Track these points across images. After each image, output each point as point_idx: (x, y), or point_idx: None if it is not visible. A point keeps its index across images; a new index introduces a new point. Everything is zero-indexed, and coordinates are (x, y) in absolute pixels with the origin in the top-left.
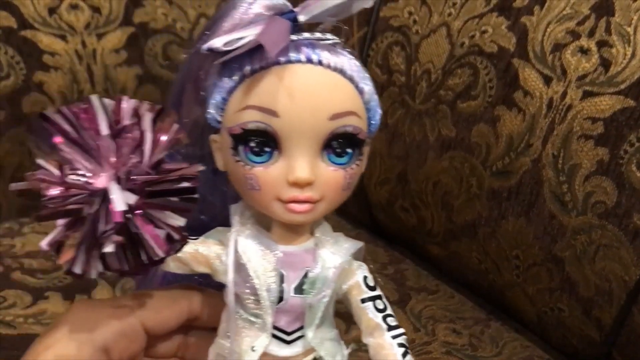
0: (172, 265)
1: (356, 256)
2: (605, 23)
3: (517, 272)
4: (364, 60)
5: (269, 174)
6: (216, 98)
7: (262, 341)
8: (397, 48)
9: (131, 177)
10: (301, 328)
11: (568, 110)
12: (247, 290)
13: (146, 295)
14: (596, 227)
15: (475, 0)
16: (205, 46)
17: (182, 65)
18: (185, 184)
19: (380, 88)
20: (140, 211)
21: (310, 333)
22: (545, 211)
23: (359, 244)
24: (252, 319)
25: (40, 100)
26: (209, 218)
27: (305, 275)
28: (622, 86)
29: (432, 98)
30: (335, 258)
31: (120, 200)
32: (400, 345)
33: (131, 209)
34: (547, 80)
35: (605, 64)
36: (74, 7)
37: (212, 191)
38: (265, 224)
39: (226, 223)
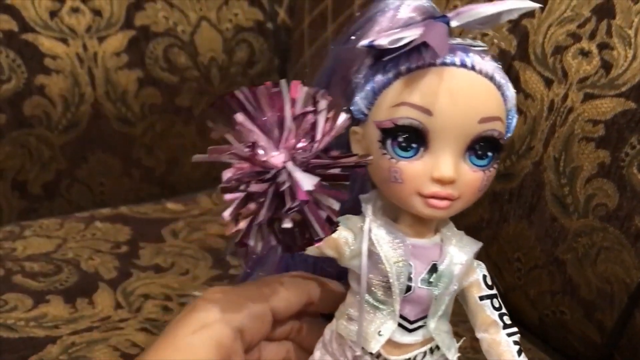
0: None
1: (476, 256)
2: (606, 25)
3: (519, 274)
4: None
5: (414, 169)
6: (367, 91)
7: (389, 327)
8: None
9: (305, 159)
10: (423, 318)
11: (569, 112)
12: (378, 277)
13: (274, 282)
14: (598, 229)
15: (476, 2)
16: (367, 42)
17: (328, 60)
18: (343, 171)
19: None
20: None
21: (432, 324)
22: (546, 214)
23: (480, 244)
24: (379, 305)
25: (42, 103)
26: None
27: (432, 268)
28: (623, 89)
29: None
30: (461, 255)
31: (306, 180)
32: (516, 343)
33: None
34: (548, 83)
35: (606, 66)
36: (75, 10)
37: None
38: (393, 216)
39: (350, 213)
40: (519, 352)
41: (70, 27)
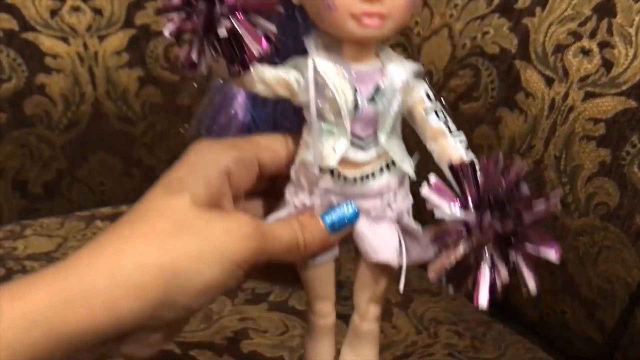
0: (259, 87)
1: (417, 75)
2: (607, 24)
3: None
4: None
5: None
6: None
7: (342, 144)
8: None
9: None
10: (374, 135)
11: (570, 111)
12: (327, 104)
13: (257, 136)
14: (598, 228)
15: (477, 1)
16: None
17: None
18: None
19: None
20: (240, 13)
21: (382, 137)
22: None
23: (419, 64)
24: (331, 128)
25: (42, 102)
26: (281, 59)
27: (376, 89)
28: (624, 87)
29: None
30: (401, 72)
31: None
32: (461, 142)
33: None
34: (549, 82)
35: (607, 65)
36: (76, 9)
37: (284, 33)
38: (337, 50)
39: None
40: (466, 150)
41: (70, 26)
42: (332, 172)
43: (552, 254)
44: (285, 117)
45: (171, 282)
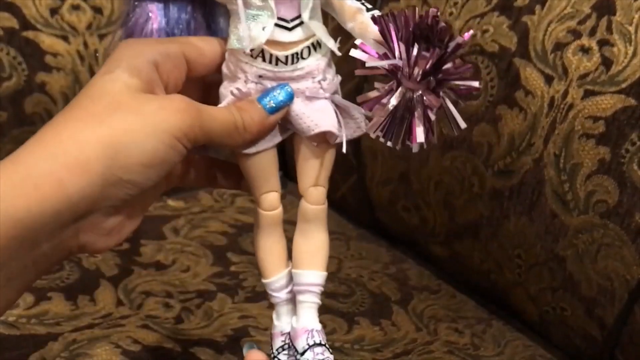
0: None
1: None
2: (606, 22)
3: (519, 271)
4: None
5: None
6: None
7: (270, 23)
8: None
9: None
10: (298, 17)
11: (569, 109)
12: None
13: (182, 36)
14: (598, 226)
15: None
16: None
17: None
18: None
19: None
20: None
21: (306, 15)
22: (547, 210)
23: None
24: (258, 12)
25: (43, 100)
26: None
27: None
28: (624, 85)
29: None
30: None
31: None
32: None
33: None
34: (549, 80)
35: (607, 63)
36: (76, 7)
37: None
38: None
39: None
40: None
41: (70, 25)
42: (263, 56)
43: (474, 83)
44: (198, 30)
45: (112, 156)
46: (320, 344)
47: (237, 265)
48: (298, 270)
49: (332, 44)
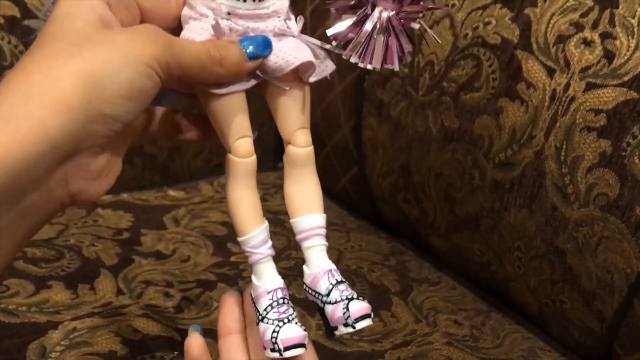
0: None
1: None
2: (609, 15)
3: (519, 264)
4: None
5: None
6: None
7: None
8: None
9: None
10: None
11: (571, 102)
12: None
13: None
14: (598, 219)
15: None
16: None
17: None
18: None
19: (383, 80)
20: None
21: None
22: (547, 203)
23: None
24: None
25: None
26: None
27: None
28: (626, 78)
29: (435, 90)
30: None
31: None
32: None
33: None
34: (550, 72)
35: (609, 56)
36: None
37: None
38: None
39: None
40: None
41: None
42: None
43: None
44: None
45: (90, 89)
46: (342, 282)
47: (237, 255)
48: (299, 217)
49: None
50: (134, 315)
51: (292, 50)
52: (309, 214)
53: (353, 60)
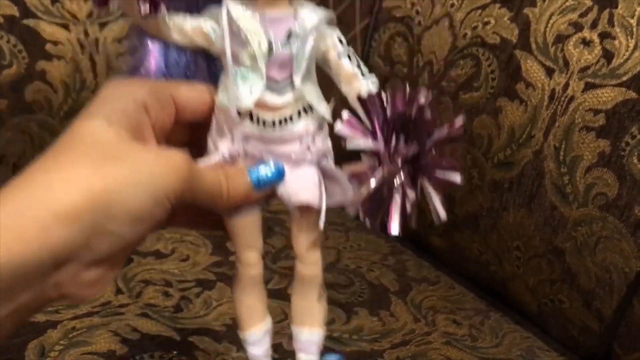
0: (176, 36)
1: (329, 23)
2: (608, 15)
3: (518, 263)
4: (366, 51)
5: None
6: None
7: (258, 86)
8: (400, 39)
9: None
10: (290, 79)
11: (570, 102)
12: (242, 49)
13: (172, 82)
14: (597, 219)
15: None
16: None
17: None
18: None
19: (383, 79)
20: None
21: (297, 79)
22: (546, 203)
23: (331, 11)
24: (248, 72)
25: (43, 89)
26: (186, 7)
27: (289, 32)
28: (625, 78)
29: (434, 89)
30: (312, 16)
31: None
32: (373, 83)
33: None
34: (550, 72)
35: (608, 55)
36: None
37: None
38: (250, 0)
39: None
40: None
41: (71, 13)
42: (251, 116)
43: (456, 177)
44: (198, 72)
45: (102, 206)
46: None
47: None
48: (297, 327)
49: (323, 109)
50: (133, 314)
51: (298, 184)
52: (308, 328)
53: (351, 212)
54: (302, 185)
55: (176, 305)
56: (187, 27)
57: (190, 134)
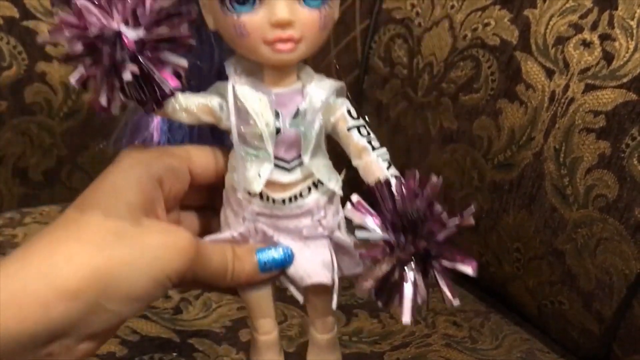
0: (182, 116)
1: (339, 94)
2: (608, 16)
3: (518, 265)
4: (366, 52)
5: (255, 19)
6: None
7: (266, 168)
8: (400, 41)
9: (136, 20)
10: (298, 157)
11: (570, 103)
12: (249, 128)
13: (187, 145)
14: (597, 220)
15: None
16: None
17: None
18: (182, 31)
19: (383, 81)
20: (148, 52)
21: (306, 158)
22: (546, 204)
23: (340, 83)
24: (256, 152)
25: (43, 90)
26: (197, 83)
27: (297, 111)
28: (625, 80)
29: (434, 91)
30: (320, 92)
31: (131, 32)
32: (385, 160)
33: (141, 42)
34: (550, 74)
35: (608, 57)
36: None
37: (200, 57)
38: (257, 74)
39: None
40: (388, 167)
41: None
42: (260, 195)
43: (468, 268)
44: (202, 138)
45: (104, 286)
46: None
47: None
48: None
49: (333, 184)
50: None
51: (310, 263)
52: None
53: (360, 294)
54: (314, 266)
55: (176, 307)
56: (192, 106)
57: (203, 198)
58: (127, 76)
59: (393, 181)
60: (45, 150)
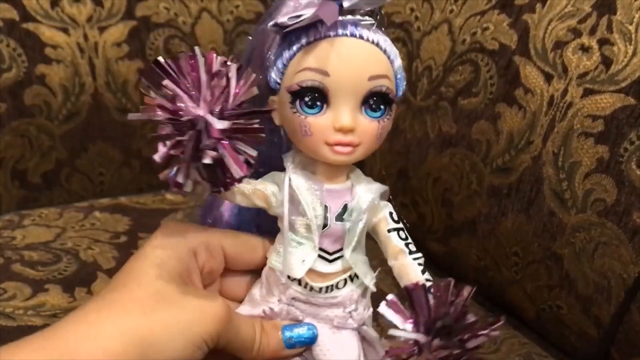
0: (238, 198)
1: (383, 197)
2: (606, 21)
3: (516, 269)
4: None
5: (320, 122)
6: (278, 65)
7: (311, 257)
8: (399, 44)
9: (222, 111)
10: (340, 250)
11: (569, 107)
12: (299, 218)
13: (225, 229)
14: (595, 224)
15: None
16: (272, 22)
17: (248, 43)
18: (257, 125)
19: None
20: (228, 139)
21: (348, 253)
22: (544, 208)
23: (385, 187)
24: (302, 241)
25: (42, 92)
26: (265, 169)
27: (344, 207)
28: (623, 84)
29: (433, 95)
30: (368, 194)
31: (217, 122)
32: (420, 264)
33: (224, 131)
34: (548, 78)
35: (607, 62)
36: (76, 0)
37: (270, 146)
38: (311, 168)
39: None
40: (423, 272)
41: (71, 17)
42: (299, 281)
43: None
44: (268, 220)
45: (146, 349)
46: None
47: None
48: None
49: (369, 280)
50: None
51: (338, 351)
52: None
53: None
54: (343, 354)
55: None
56: (248, 191)
57: (249, 277)
58: (207, 160)
59: (429, 285)
60: (44, 152)
